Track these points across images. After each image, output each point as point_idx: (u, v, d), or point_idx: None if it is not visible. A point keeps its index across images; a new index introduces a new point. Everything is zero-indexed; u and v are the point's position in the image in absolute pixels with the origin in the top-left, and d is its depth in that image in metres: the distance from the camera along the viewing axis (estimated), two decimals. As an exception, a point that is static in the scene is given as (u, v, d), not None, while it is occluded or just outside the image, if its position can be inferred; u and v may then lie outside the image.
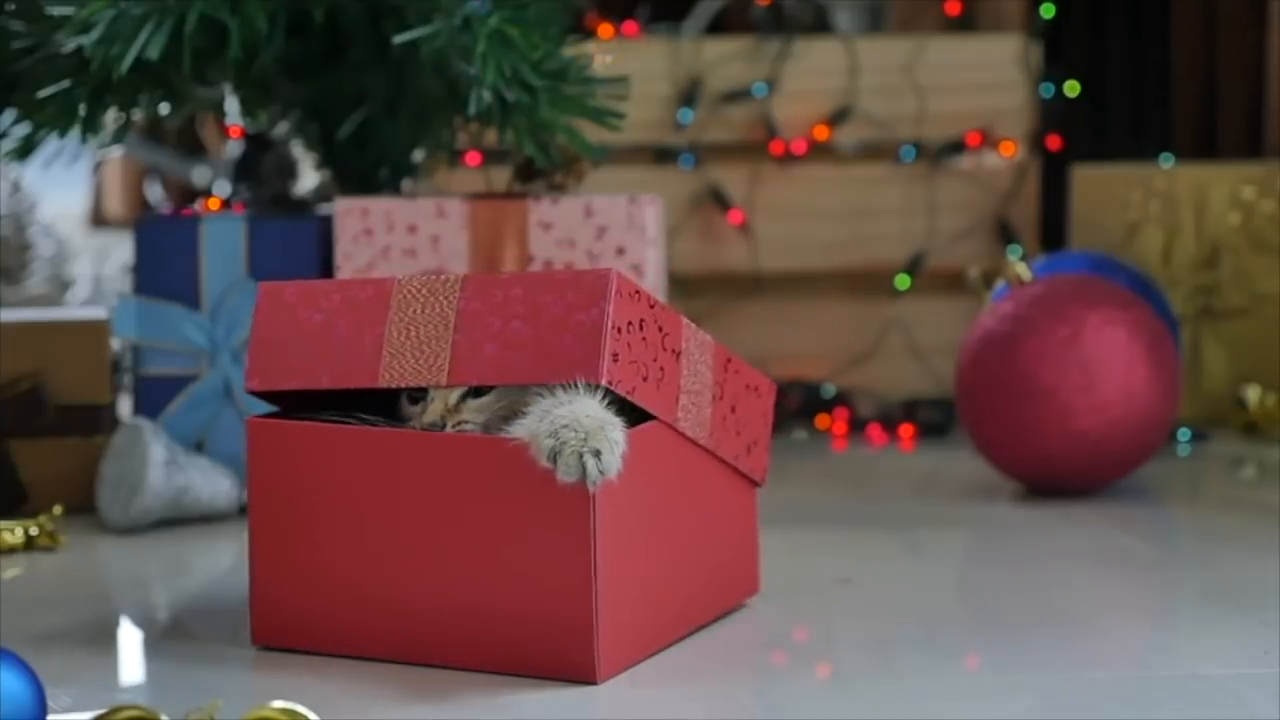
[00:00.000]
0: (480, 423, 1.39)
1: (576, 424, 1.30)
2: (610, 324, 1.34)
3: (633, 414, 1.37)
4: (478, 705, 1.31)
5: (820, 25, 2.63)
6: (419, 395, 1.42)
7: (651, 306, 1.39)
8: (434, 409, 1.40)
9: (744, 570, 1.55)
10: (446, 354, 1.38)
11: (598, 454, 1.29)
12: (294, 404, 1.47)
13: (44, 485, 1.92)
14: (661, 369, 1.41)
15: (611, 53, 1.95)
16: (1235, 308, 2.45)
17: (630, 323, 1.36)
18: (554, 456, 1.30)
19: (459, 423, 1.39)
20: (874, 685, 1.36)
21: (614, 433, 1.31)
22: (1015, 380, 1.97)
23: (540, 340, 1.36)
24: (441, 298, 1.39)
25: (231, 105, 2.20)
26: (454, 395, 1.40)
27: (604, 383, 1.33)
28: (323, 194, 2.17)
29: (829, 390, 2.47)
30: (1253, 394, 2.38)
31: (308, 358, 1.42)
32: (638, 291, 1.38)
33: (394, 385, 1.39)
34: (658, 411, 1.40)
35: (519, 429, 1.33)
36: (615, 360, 1.34)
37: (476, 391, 1.40)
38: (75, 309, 2.56)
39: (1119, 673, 1.39)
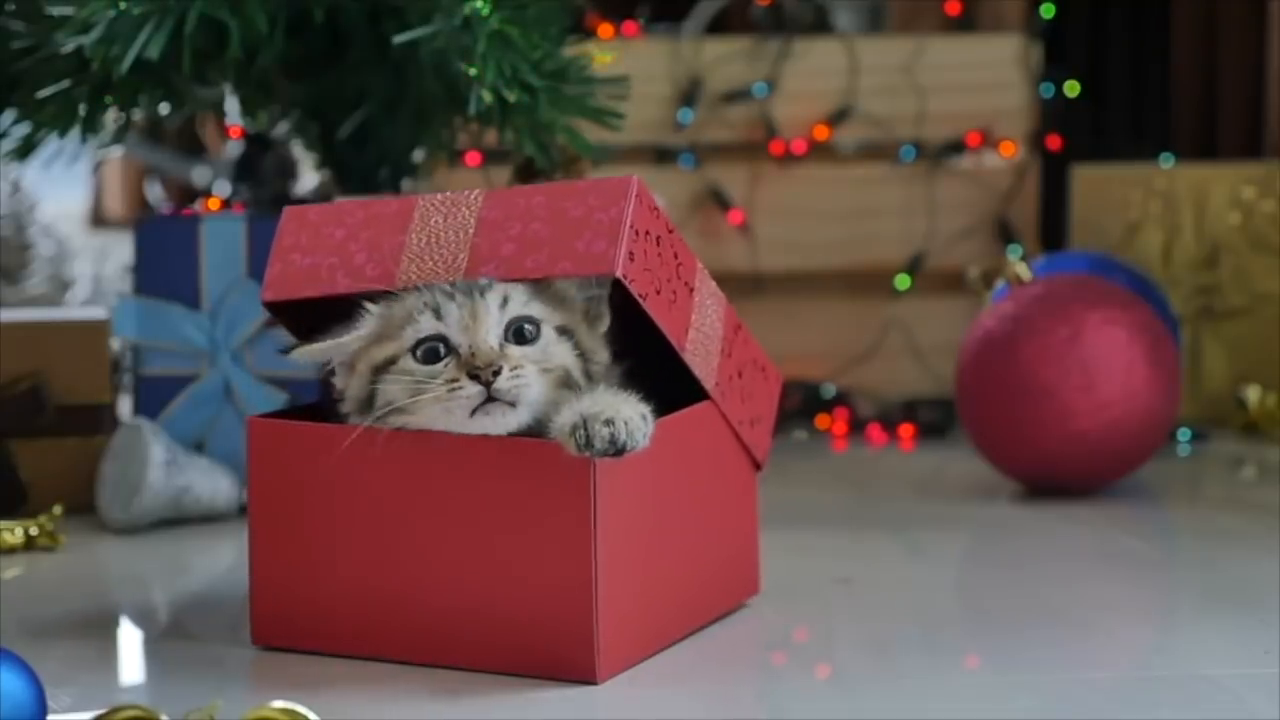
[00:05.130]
0: (534, 379, 1.34)
1: (593, 404, 1.31)
2: (629, 223, 1.36)
3: None
4: (478, 705, 1.31)
5: (820, 25, 2.63)
6: (433, 355, 1.36)
7: (670, 231, 1.41)
8: (483, 350, 1.34)
9: (744, 571, 1.55)
10: (464, 255, 1.39)
11: (610, 422, 1.30)
12: (302, 323, 1.46)
13: (44, 485, 1.92)
14: (674, 293, 1.42)
15: (611, 52, 1.95)
16: (1235, 308, 2.45)
17: (648, 232, 1.38)
18: (583, 444, 1.30)
19: (515, 369, 1.34)
20: (874, 685, 1.36)
21: (627, 409, 1.32)
22: (1015, 380, 1.97)
23: (558, 238, 1.37)
24: (463, 208, 1.41)
25: (231, 105, 2.19)
26: (493, 335, 1.36)
27: (619, 274, 1.34)
28: (323, 194, 2.17)
29: (829, 390, 2.47)
30: (1253, 394, 2.37)
31: (326, 268, 1.43)
32: (656, 208, 1.40)
33: (410, 285, 1.39)
34: (668, 330, 1.40)
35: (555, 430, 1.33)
36: (631, 260, 1.36)
37: (518, 339, 1.37)
38: (75, 309, 2.56)
39: (1119, 673, 1.39)
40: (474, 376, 1.34)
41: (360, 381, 1.40)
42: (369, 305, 1.40)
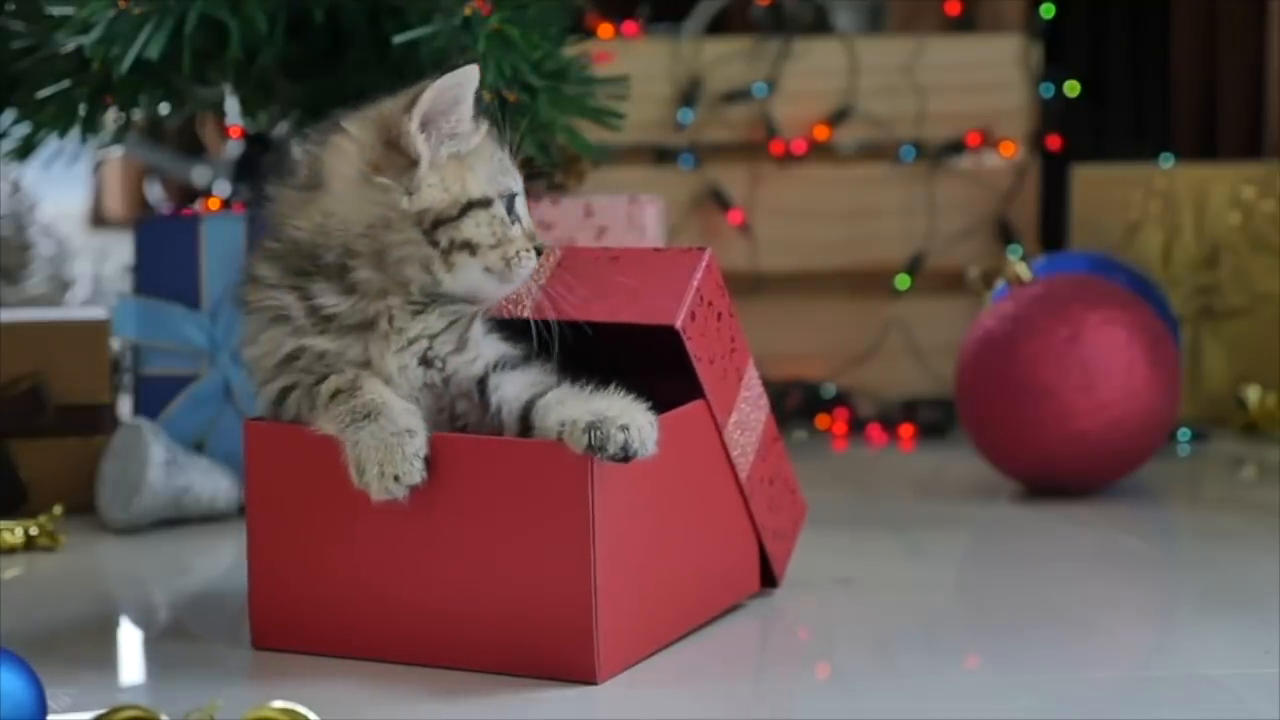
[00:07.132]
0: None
1: (608, 407, 1.32)
2: (697, 285, 1.42)
3: None
4: (478, 705, 1.31)
5: (820, 25, 2.63)
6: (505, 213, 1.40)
7: (732, 315, 1.47)
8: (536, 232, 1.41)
9: (744, 568, 1.55)
10: (536, 295, 1.44)
11: (625, 428, 1.31)
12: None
13: (44, 485, 1.92)
14: (724, 372, 1.46)
15: (611, 52, 1.95)
16: (1235, 308, 2.45)
17: (711, 303, 1.44)
18: (596, 445, 1.30)
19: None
20: (874, 685, 1.36)
21: (640, 416, 1.33)
22: (1015, 380, 1.97)
23: (628, 290, 1.42)
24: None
25: (231, 105, 2.19)
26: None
27: (678, 326, 1.39)
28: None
29: (829, 390, 2.47)
30: (1253, 394, 2.38)
31: None
32: (724, 288, 1.46)
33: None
34: (714, 402, 1.45)
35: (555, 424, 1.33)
36: (693, 319, 1.41)
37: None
38: (75, 309, 2.56)
39: (1119, 673, 1.39)
40: (539, 251, 1.41)
41: (439, 194, 1.37)
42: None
